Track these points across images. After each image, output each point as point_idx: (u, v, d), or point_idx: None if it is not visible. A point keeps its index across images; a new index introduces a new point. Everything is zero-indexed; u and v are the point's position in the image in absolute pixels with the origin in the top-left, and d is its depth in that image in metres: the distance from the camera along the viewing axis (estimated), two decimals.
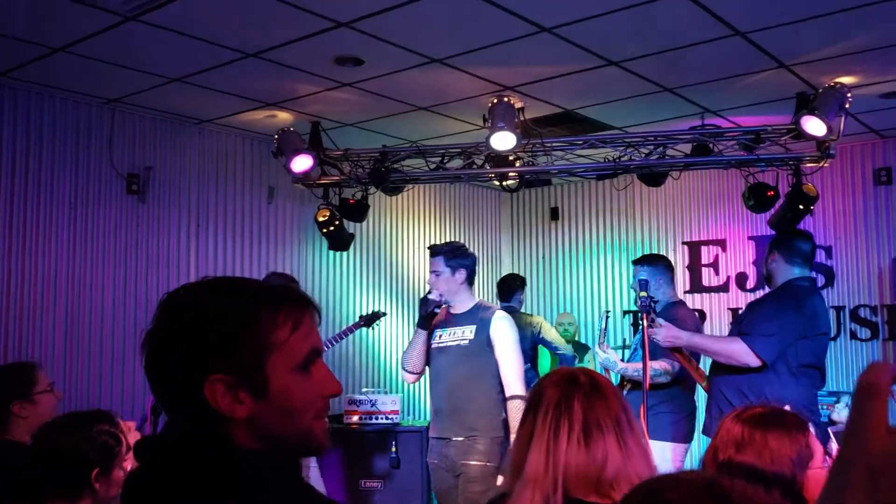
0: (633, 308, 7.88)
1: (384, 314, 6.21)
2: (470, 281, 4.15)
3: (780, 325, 3.67)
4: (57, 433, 2.24)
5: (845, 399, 6.05)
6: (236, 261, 6.29)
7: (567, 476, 1.64)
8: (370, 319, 6.01)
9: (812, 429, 2.04)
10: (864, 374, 1.47)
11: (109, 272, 5.51)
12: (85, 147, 5.45)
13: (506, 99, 5.26)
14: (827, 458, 2.00)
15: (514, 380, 4.06)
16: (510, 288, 6.77)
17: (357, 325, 5.96)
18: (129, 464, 2.59)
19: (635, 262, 4.92)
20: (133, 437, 2.70)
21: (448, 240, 8.18)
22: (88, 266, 5.40)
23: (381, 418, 6.15)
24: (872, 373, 1.45)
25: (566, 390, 1.75)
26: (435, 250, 4.31)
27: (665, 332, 3.80)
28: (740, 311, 6.33)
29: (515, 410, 3.89)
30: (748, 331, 3.76)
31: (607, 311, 4.95)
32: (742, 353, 3.69)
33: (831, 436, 3.11)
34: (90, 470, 2.21)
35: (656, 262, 4.83)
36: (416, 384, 7.71)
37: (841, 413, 5.92)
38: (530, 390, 1.85)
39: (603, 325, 4.80)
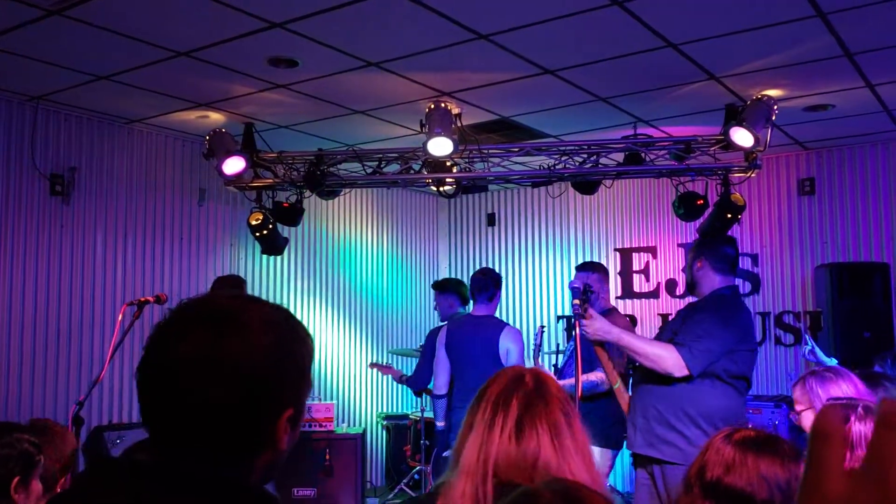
0: (568, 313, 7.97)
1: None
2: None
3: (716, 341, 3.56)
4: None
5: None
6: (165, 265, 6.11)
7: (497, 465, 1.64)
8: None
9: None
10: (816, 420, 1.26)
11: (31, 276, 5.29)
12: (4, 146, 5.23)
13: (443, 105, 5.25)
14: None
15: None
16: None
17: None
18: None
19: (581, 268, 4.91)
20: None
21: (385, 245, 8.15)
22: (7, 270, 5.18)
23: (315, 426, 6.07)
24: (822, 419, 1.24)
25: (508, 388, 1.75)
26: None
27: (597, 325, 3.64)
28: (671, 318, 6.41)
29: None
30: (683, 341, 3.58)
31: (542, 327, 4.94)
32: (671, 361, 3.53)
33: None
34: (10, 479, 2.10)
35: (599, 269, 4.86)
36: (351, 391, 7.65)
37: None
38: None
39: (538, 342, 4.79)
